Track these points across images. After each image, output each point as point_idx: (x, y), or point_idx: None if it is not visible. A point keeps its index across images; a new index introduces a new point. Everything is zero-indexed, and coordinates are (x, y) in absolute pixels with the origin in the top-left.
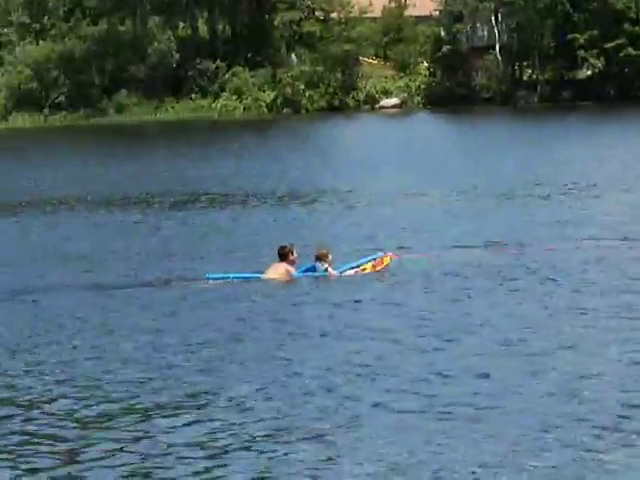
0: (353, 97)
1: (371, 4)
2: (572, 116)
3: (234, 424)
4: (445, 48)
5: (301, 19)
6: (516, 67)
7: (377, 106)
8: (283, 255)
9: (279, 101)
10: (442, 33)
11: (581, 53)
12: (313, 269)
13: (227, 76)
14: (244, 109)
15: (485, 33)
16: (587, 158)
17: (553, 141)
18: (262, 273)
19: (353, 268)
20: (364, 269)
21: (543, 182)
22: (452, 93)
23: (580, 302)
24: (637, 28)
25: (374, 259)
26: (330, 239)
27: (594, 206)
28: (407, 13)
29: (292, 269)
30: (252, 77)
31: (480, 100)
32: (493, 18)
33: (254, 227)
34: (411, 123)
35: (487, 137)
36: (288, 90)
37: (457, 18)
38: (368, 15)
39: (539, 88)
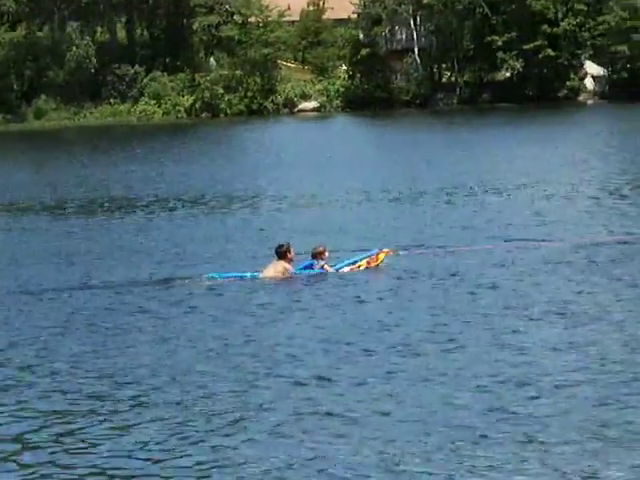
0: (272, 101)
1: (289, 8)
2: (491, 117)
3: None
4: (364, 51)
5: (220, 23)
6: (435, 69)
7: (296, 110)
8: (281, 253)
9: (198, 105)
10: (361, 36)
11: (500, 55)
12: (310, 267)
13: (146, 81)
14: (163, 114)
15: (404, 36)
16: (504, 159)
17: (471, 143)
18: (259, 272)
19: (349, 265)
20: (359, 266)
21: (458, 183)
22: (371, 96)
23: (476, 303)
24: (555, 29)
25: (369, 256)
26: (232, 244)
27: (504, 207)
28: (325, 16)
29: (290, 267)
30: (171, 82)
31: (399, 103)
32: (412, 21)
33: (162, 232)
34: (329, 126)
35: (405, 140)
36: (207, 94)
37: (376, 21)
38: (286, 19)
39: (458, 90)
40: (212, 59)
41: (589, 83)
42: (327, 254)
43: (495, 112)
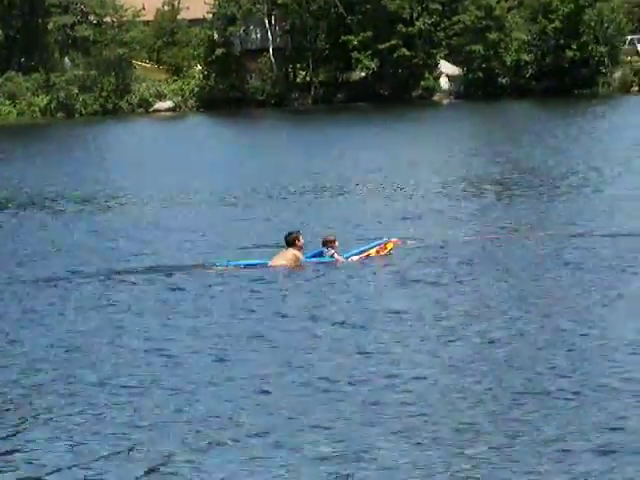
0: (127, 101)
1: (144, 8)
2: (345, 117)
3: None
4: (218, 51)
5: (75, 23)
6: (290, 69)
7: (151, 110)
8: (290, 242)
9: (53, 105)
10: (215, 36)
11: (355, 54)
12: (320, 255)
13: (1, 81)
14: (18, 114)
15: (259, 35)
16: (355, 158)
17: (324, 142)
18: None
19: (358, 254)
20: (368, 254)
21: (309, 182)
22: (226, 96)
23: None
24: (411, 29)
25: (378, 244)
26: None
27: (362, 205)
28: (181, 16)
29: (300, 255)
30: (26, 81)
31: (254, 102)
32: (267, 20)
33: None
34: (184, 126)
35: (259, 139)
36: (62, 94)
37: (230, 21)
38: (141, 19)
39: (313, 90)
40: (67, 59)
41: (444, 82)
42: (337, 243)
43: (349, 112)
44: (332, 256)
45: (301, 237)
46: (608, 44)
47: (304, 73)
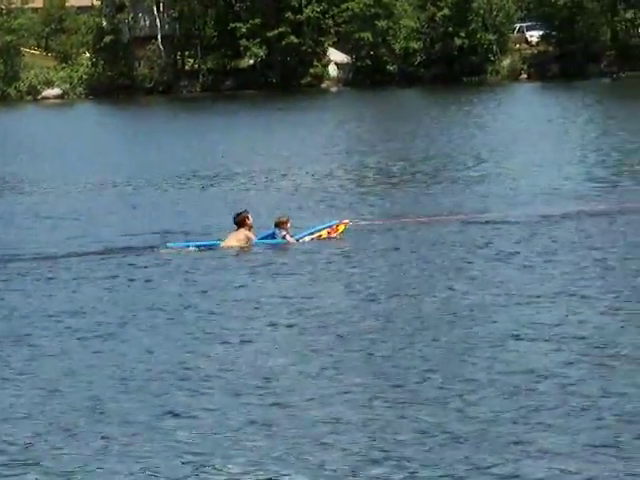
0: (15, 88)
1: None
2: (233, 104)
3: None
4: (107, 38)
5: None
6: (178, 57)
7: (39, 97)
8: (239, 222)
9: None
10: (104, 23)
11: (243, 42)
12: (272, 236)
13: None
14: None
15: (147, 23)
16: (243, 145)
17: (212, 129)
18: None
19: (310, 235)
20: (320, 236)
21: (196, 170)
22: (114, 83)
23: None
24: (299, 16)
25: (330, 226)
26: None
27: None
28: (69, 4)
29: (252, 235)
30: None
31: (142, 90)
32: (155, 8)
33: None
34: (72, 114)
35: (146, 126)
36: None
37: (119, 8)
38: (30, 6)
39: (201, 77)
40: None
41: (333, 70)
42: (289, 224)
43: (238, 99)
44: (284, 238)
45: (250, 216)
46: (497, 32)
47: (192, 60)
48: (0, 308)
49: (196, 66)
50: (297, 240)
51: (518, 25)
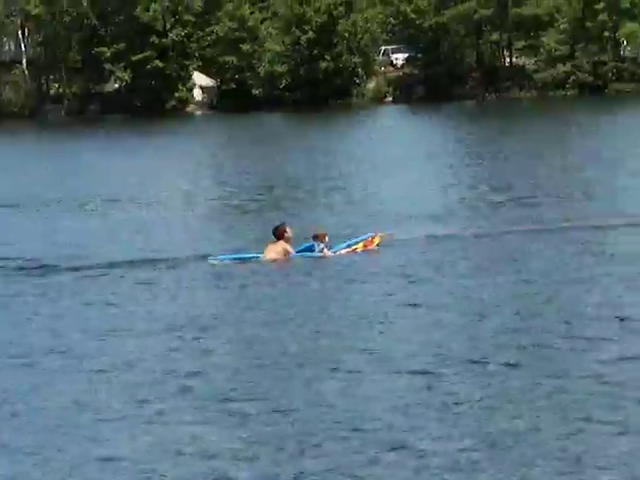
0: None
1: None
2: (98, 129)
3: None
4: None
5: None
6: (43, 81)
7: None
8: (278, 234)
9: None
10: None
11: (108, 66)
12: (311, 248)
13: None
14: None
15: (12, 47)
16: (108, 171)
17: (78, 153)
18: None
19: (346, 247)
20: (355, 249)
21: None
22: None
23: None
24: (164, 40)
25: (365, 239)
26: None
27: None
28: None
29: (290, 248)
30: None
31: (7, 115)
32: (20, 32)
33: None
34: None
35: (9, 152)
36: None
37: None
38: None
39: (66, 102)
40: None
41: (197, 94)
42: (327, 238)
43: (103, 124)
44: (322, 250)
45: (288, 229)
46: (362, 55)
47: (57, 85)
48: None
49: (61, 90)
50: (334, 253)
51: (383, 48)
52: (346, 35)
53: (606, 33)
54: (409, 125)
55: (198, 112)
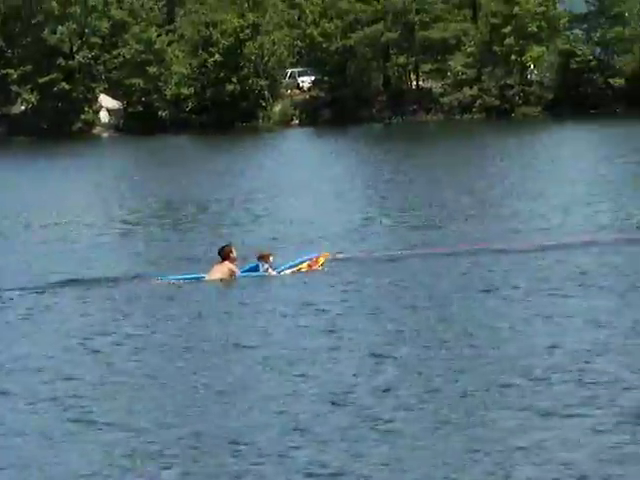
0: None
1: None
2: (4, 152)
3: None
4: None
5: None
6: None
7: None
8: (224, 255)
9: None
10: None
11: (15, 88)
12: (256, 268)
13: None
14: None
15: None
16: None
17: None
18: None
19: (291, 268)
20: (300, 269)
21: None
22: None
23: None
24: (70, 62)
25: (310, 259)
26: None
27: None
28: None
29: (235, 268)
30: None
31: None
32: None
33: None
34: None
35: None
36: None
37: None
38: None
39: None
40: None
41: (104, 116)
42: (272, 258)
43: (9, 145)
44: (266, 270)
45: (234, 249)
46: (269, 77)
47: None
48: None
49: None
50: (279, 273)
51: (290, 71)
52: (253, 58)
53: (513, 57)
54: (314, 148)
55: (105, 134)
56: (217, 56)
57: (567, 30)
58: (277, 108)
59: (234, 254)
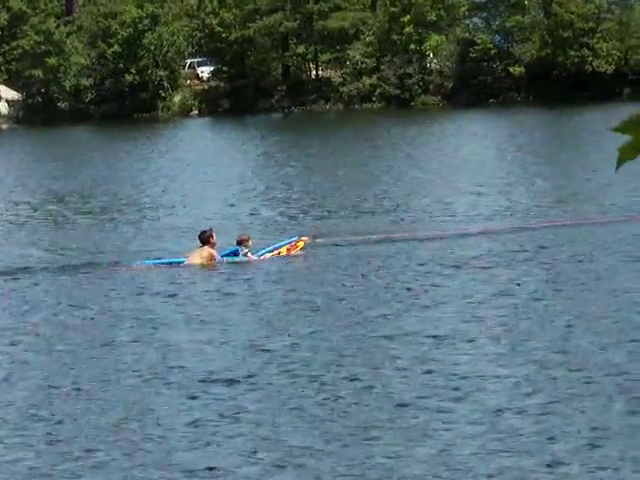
0: None
1: None
2: None
3: None
4: None
5: None
6: None
7: None
8: (204, 240)
9: None
10: None
11: None
12: (235, 253)
13: None
14: None
15: None
16: None
17: None
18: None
19: (270, 252)
20: (279, 252)
21: None
22: None
23: None
24: None
25: (289, 243)
26: None
27: None
28: None
29: (215, 253)
30: None
31: None
32: None
33: None
34: None
35: None
36: None
37: None
38: None
39: None
40: None
41: (3, 108)
42: (251, 242)
43: None
44: (245, 255)
45: (214, 234)
46: (168, 68)
47: None
48: None
49: None
50: (258, 257)
51: (189, 61)
52: (152, 48)
53: (412, 46)
54: (212, 138)
55: (4, 126)
56: (116, 47)
57: (467, 18)
58: (177, 98)
59: (214, 239)
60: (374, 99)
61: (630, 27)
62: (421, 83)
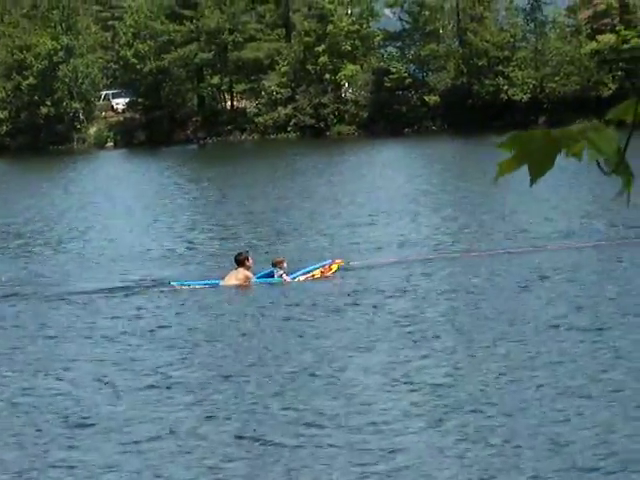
0: None
1: None
2: None
3: None
4: None
5: None
6: None
7: None
8: (240, 262)
9: None
10: None
11: None
12: (270, 275)
13: None
14: None
15: None
16: None
17: None
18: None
19: (304, 274)
20: (313, 275)
21: None
22: None
23: None
24: None
25: (323, 266)
26: None
27: None
28: None
29: (250, 275)
30: None
31: None
32: None
33: None
34: None
35: None
36: None
37: None
38: None
39: None
40: None
41: None
42: (285, 264)
43: None
44: (281, 276)
45: (250, 257)
46: (83, 100)
47: None
48: None
49: None
50: (293, 279)
51: (104, 93)
52: (67, 80)
53: (327, 75)
54: (127, 170)
55: None
56: (31, 79)
57: (382, 48)
58: (92, 130)
59: (250, 261)
60: (289, 129)
61: (545, 55)
62: (336, 113)
